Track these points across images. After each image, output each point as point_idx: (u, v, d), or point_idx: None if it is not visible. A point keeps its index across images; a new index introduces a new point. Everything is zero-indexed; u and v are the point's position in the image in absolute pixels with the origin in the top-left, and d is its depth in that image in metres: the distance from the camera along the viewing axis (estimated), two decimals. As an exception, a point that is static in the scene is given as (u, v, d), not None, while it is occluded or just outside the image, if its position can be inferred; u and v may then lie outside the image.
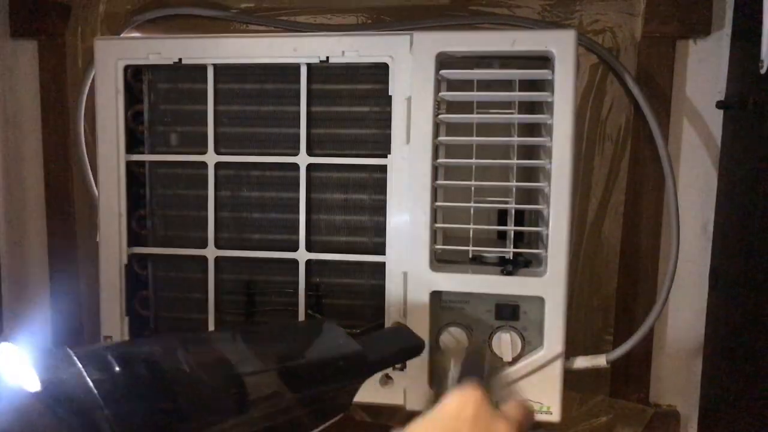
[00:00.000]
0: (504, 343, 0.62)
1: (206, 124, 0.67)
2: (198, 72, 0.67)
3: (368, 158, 0.65)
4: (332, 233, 0.67)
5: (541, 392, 0.62)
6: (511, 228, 0.64)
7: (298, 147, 0.66)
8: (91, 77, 0.79)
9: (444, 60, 0.62)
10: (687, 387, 0.78)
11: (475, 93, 0.63)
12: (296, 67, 0.65)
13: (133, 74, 0.69)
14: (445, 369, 0.61)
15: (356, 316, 0.68)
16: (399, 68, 0.63)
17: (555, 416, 0.62)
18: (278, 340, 0.51)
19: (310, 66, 0.65)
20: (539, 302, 0.62)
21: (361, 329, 0.66)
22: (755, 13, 0.60)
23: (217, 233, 0.68)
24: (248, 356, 0.45)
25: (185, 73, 0.68)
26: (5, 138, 0.86)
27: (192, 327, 0.70)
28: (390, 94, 0.63)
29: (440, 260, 0.65)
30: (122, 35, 0.80)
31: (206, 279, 0.68)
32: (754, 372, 0.62)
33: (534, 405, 0.62)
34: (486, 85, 0.63)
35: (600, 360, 0.67)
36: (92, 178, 0.82)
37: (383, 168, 0.64)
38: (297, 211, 0.66)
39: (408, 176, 0.63)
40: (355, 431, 0.80)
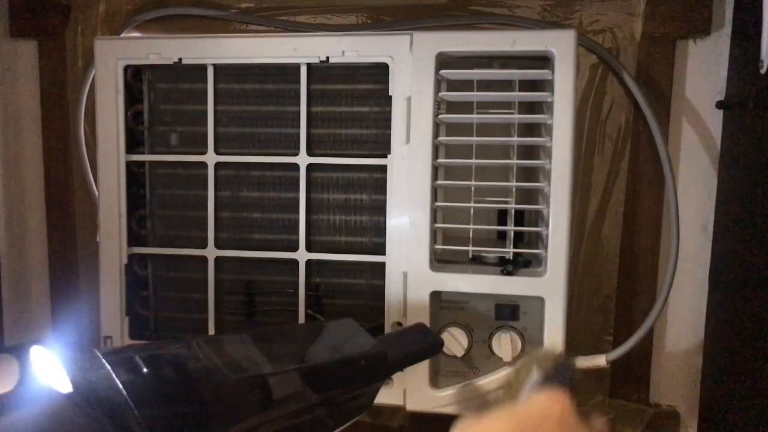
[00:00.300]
0: (504, 343, 0.62)
1: (206, 124, 0.67)
2: (198, 72, 0.67)
3: (368, 158, 0.65)
4: (332, 233, 0.67)
5: (541, 392, 0.62)
6: (511, 228, 0.64)
7: (298, 147, 0.66)
8: (91, 77, 0.79)
9: (444, 60, 0.62)
10: (687, 387, 0.78)
11: (475, 93, 0.63)
12: (296, 67, 0.65)
13: (133, 74, 0.69)
14: (524, 373, 0.59)
15: (356, 316, 0.67)
16: (399, 68, 0.63)
17: (555, 416, 0.62)
18: (300, 340, 0.51)
19: (310, 66, 0.65)
20: (539, 302, 0.62)
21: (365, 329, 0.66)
22: (755, 13, 0.60)
23: (217, 233, 0.68)
24: (271, 356, 0.45)
25: (185, 73, 0.69)
26: (5, 138, 0.86)
27: (192, 327, 0.70)
28: (390, 94, 0.63)
29: (440, 260, 0.65)
30: (122, 35, 0.80)
31: (206, 279, 0.68)
32: (754, 372, 0.62)
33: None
34: (486, 85, 0.63)
35: (600, 360, 0.67)
36: (92, 178, 0.82)
37: (383, 168, 0.64)
38: (297, 211, 0.66)
39: (408, 176, 0.63)
40: (355, 431, 0.80)
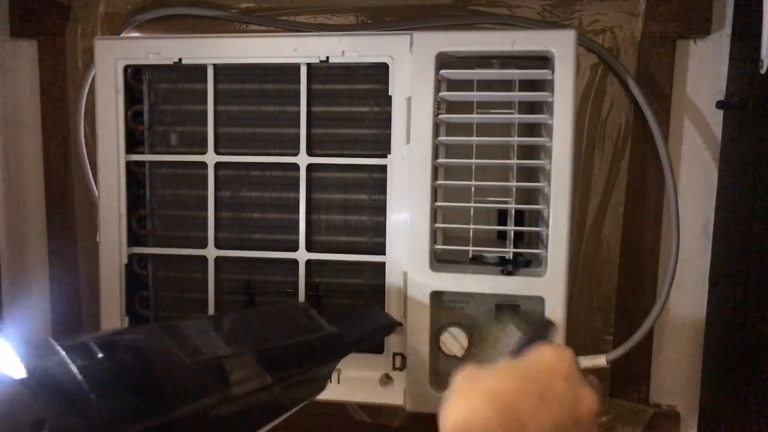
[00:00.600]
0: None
1: (206, 124, 0.67)
2: (198, 72, 0.67)
3: (368, 158, 0.65)
4: (332, 233, 0.67)
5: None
6: (511, 228, 0.64)
7: (298, 147, 0.66)
8: (91, 77, 0.79)
9: (444, 60, 0.62)
10: (687, 387, 0.78)
11: (475, 93, 0.63)
12: (296, 67, 0.65)
13: (133, 74, 0.69)
14: (499, 336, 0.58)
15: (356, 316, 0.68)
16: (399, 68, 0.63)
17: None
18: (256, 325, 0.52)
19: (310, 66, 0.65)
20: (539, 302, 0.62)
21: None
22: (755, 13, 0.60)
23: (217, 233, 0.68)
24: (228, 340, 0.46)
25: (185, 73, 0.68)
26: (5, 138, 0.86)
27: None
28: (390, 94, 0.63)
29: (440, 260, 0.65)
30: (122, 35, 0.80)
31: (206, 279, 0.68)
32: (754, 372, 0.62)
33: None
34: (486, 85, 0.63)
35: (600, 360, 0.67)
36: (92, 178, 0.82)
37: (383, 168, 0.64)
38: (297, 211, 0.66)
39: (408, 176, 0.63)
40: (355, 431, 0.80)
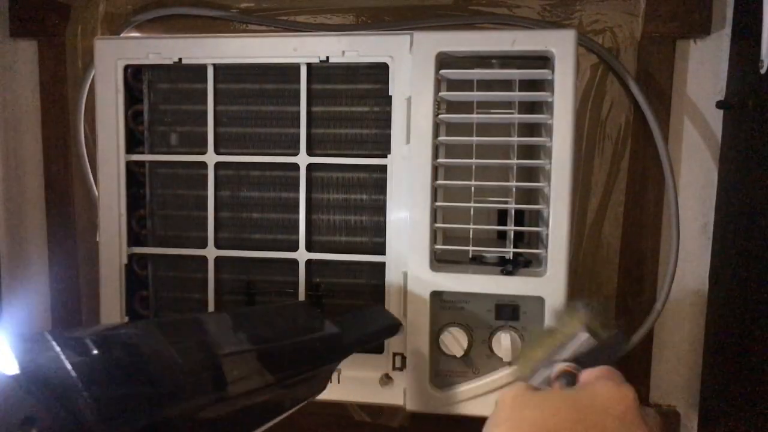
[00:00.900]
0: (504, 343, 0.62)
1: (206, 124, 0.67)
2: (198, 72, 0.67)
3: (368, 158, 0.65)
4: (332, 233, 0.67)
5: (541, 392, 0.62)
6: (511, 228, 0.64)
7: (298, 147, 0.66)
8: (91, 77, 0.79)
9: (444, 60, 0.62)
10: (687, 387, 0.78)
11: (475, 93, 0.63)
12: (296, 67, 0.65)
13: (133, 74, 0.69)
14: (559, 335, 0.50)
15: (356, 316, 0.68)
16: (399, 68, 0.63)
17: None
18: (256, 323, 0.51)
19: (310, 66, 0.65)
20: (539, 302, 0.62)
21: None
22: (755, 13, 0.60)
23: (217, 233, 0.68)
24: (226, 338, 0.45)
25: (185, 73, 0.68)
26: (5, 138, 0.86)
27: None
28: (390, 94, 0.63)
29: (440, 260, 0.65)
30: (122, 35, 0.80)
31: (206, 279, 0.68)
32: (754, 372, 0.62)
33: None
34: (486, 85, 0.63)
35: (600, 360, 0.67)
36: (92, 178, 0.82)
37: (383, 168, 0.64)
38: (297, 211, 0.66)
39: (408, 176, 0.63)
40: (355, 431, 0.80)
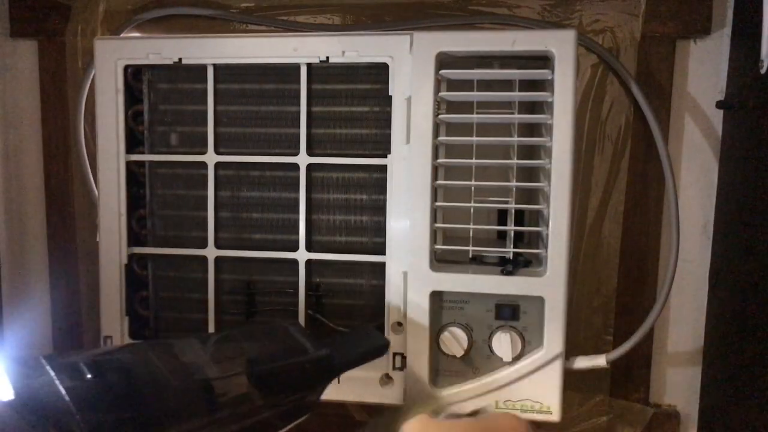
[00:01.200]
0: (504, 343, 0.62)
1: (206, 124, 0.67)
2: (198, 72, 0.67)
3: (368, 158, 0.65)
4: (332, 233, 0.67)
5: (541, 392, 0.62)
6: (511, 228, 0.64)
7: (298, 147, 0.66)
8: (91, 77, 0.79)
9: (444, 60, 0.62)
10: (687, 387, 0.78)
11: (475, 93, 0.63)
12: (296, 67, 0.65)
13: (133, 74, 0.69)
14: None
15: (356, 317, 0.68)
16: (399, 68, 0.63)
17: (555, 416, 0.62)
18: (246, 345, 0.52)
19: (310, 66, 0.65)
20: (539, 302, 0.62)
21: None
22: (755, 13, 0.60)
23: (217, 233, 0.68)
24: (217, 361, 0.46)
25: (185, 73, 0.68)
26: (5, 138, 0.86)
27: (192, 327, 0.70)
28: (390, 94, 0.63)
29: (440, 260, 0.65)
30: (122, 35, 0.80)
31: (206, 279, 0.68)
32: (754, 372, 0.62)
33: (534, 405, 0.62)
34: (486, 85, 0.63)
35: (600, 360, 0.67)
36: (92, 178, 0.82)
37: (383, 168, 0.64)
38: (297, 211, 0.66)
39: (408, 176, 0.63)
40: (355, 431, 0.80)
